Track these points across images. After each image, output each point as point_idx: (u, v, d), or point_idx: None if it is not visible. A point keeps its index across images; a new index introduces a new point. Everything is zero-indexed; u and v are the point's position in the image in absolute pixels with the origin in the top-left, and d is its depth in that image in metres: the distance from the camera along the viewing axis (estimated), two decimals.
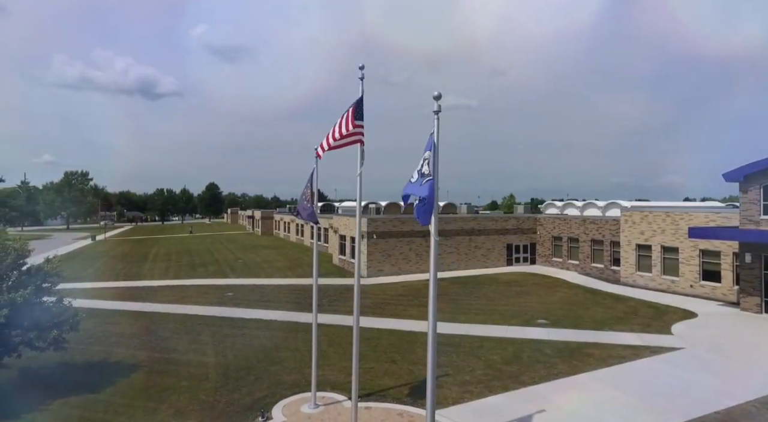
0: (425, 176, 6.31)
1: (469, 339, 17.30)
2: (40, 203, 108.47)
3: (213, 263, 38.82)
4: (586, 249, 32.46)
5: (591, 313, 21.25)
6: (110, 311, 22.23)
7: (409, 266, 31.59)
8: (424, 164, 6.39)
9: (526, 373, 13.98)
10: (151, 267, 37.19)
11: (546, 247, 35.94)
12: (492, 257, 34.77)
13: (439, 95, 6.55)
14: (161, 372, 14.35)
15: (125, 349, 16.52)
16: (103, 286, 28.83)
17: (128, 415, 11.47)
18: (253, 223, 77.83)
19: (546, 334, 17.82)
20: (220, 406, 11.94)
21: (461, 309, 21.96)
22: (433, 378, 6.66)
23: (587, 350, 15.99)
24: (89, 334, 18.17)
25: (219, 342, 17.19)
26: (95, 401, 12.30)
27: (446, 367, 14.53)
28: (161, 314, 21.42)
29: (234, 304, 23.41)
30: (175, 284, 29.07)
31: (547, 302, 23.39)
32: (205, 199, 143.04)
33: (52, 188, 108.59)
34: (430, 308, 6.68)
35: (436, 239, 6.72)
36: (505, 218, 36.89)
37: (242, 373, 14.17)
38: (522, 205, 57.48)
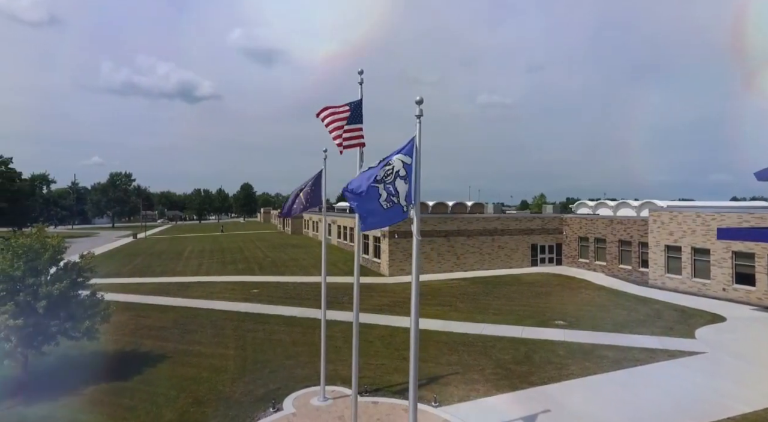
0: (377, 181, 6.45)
1: (483, 339, 17.38)
2: (87, 203, 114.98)
3: (242, 261, 40.19)
4: (614, 250, 31.65)
5: (612, 315, 20.84)
6: (143, 305, 23.54)
7: (430, 266, 31.75)
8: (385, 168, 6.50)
9: (536, 373, 14.00)
10: (185, 264, 38.90)
11: (572, 248, 35.25)
12: (516, 257, 34.43)
13: (420, 100, 6.82)
14: (184, 363, 15.22)
15: (154, 341, 17.55)
16: (139, 281, 30.46)
17: (151, 401, 12.30)
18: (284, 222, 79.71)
19: (562, 335, 17.67)
20: (236, 396, 12.61)
21: (478, 309, 22.00)
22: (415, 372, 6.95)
23: (602, 352, 15.80)
24: (123, 326, 19.42)
25: (240, 336, 17.99)
26: (123, 388, 13.24)
27: (456, 366, 14.74)
28: (190, 309, 22.53)
29: (258, 300, 24.30)
30: (206, 281, 30.37)
31: (567, 304, 23.07)
32: (240, 199, 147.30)
33: (98, 189, 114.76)
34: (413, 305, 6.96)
35: (418, 238, 7.01)
36: (529, 218, 36.41)
37: (259, 366, 14.84)
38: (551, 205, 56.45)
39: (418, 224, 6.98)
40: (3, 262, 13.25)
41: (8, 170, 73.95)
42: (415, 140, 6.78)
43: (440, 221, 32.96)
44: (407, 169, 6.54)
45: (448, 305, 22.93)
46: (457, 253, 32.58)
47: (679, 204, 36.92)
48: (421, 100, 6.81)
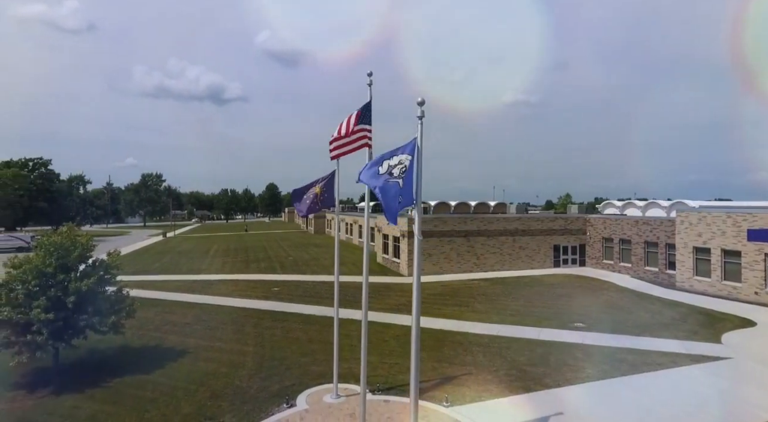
0: (393, 177, 6.60)
1: (499, 340, 17.27)
2: (121, 203, 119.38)
3: (265, 260, 40.98)
4: (639, 251, 30.80)
5: (634, 318, 20.34)
6: (169, 301, 24.34)
7: (450, 266, 31.63)
8: (397, 166, 6.66)
9: (550, 376, 13.84)
10: (210, 263, 39.94)
11: (596, 249, 34.48)
12: (537, 258, 33.92)
13: (422, 101, 6.91)
14: (204, 358, 15.70)
15: (176, 336, 18.16)
16: (166, 278, 31.49)
17: (171, 394, 12.76)
18: (307, 222, 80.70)
19: (580, 338, 17.38)
20: (252, 392, 12.95)
21: (496, 310, 21.83)
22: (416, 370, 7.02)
23: (621, 355, 15.47)
24: (148, 321, 20.16)
25: (259, 334, 18.41)
26: (146, 381, 13.78)
27: (470, 366, 14.71)
28: (212, 306, 23.17)
29: (278, 298, 24.77)
30: (229, 279, 31.14)
31: (588, 306, 22.63)
32: (265, 199, 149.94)
33: (131, 189, 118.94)
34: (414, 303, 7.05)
35: (419, 238, 7.09)
36: (551, 219, 35.80)
37: (275, 363, 15.18)
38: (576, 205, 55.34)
39: (419, 224, 7.06)
40: (36, 259, 14.00)
41: (47, 172, 77.55)
42: (417, 140, 6.87)
43: (460, 221, 32.80)
44: (410, 168, 6.64)
45: (466, 305, 22.84)
46: (477, 253, 32.36)
47: (712, 204, 35.65)
48: (423, 101, 6.90)
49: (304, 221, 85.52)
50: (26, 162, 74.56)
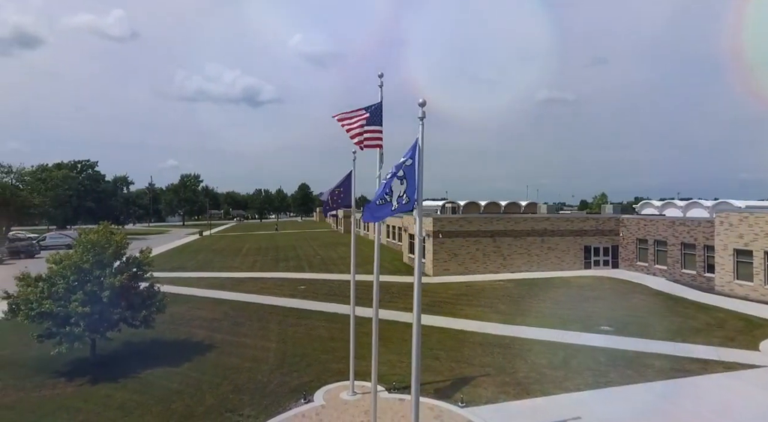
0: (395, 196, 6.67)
1: (520, 342, 17.06)
2: (162, 202, 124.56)
3: (294, 259, 41.83)
4: (675, 254, 29.55)
5: (666, 322, 19.60)
6: (200, 297, 25.30)
7: (476, 266, 31.35)
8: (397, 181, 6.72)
9: (571, 379, 13.58)
10: (242, 261, 41.14)
11: (630, 250, 33.30)
12: (567, 259, 33.11)
13: (423, 102, 6.99)
14: (230, 353, 16.28)
15: (205, 331, 18.88)
16: (199, 275, 32.70)
17: (196, 387, 13.34)
18: (337, 221, 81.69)
19: (605, 341, 16.93)
20: (272, 386, 13.36)
21: (520, 311, 21.52)
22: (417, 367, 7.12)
23: (647, 360, 14.98)
24: (180, 316, 21.05)
25: (283, 330, 18.90)
26: (173, 373, 14.44)
27: (488, 367, 14.63)
28: (241, 303, 23.92)
29: (304, 297, 25.30)
30: (258, 277, 32.02)
31: (617, 309, 21.96)
32: (297, 198, 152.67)
33: (170, 189, 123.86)
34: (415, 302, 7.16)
35: (420, 237, 7.18)
36: (582, 219, 34.82)
37: (297, 359, 15.57)
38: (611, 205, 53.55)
39: (421, 224, 7.15)
40: (75, 255, 14.92)
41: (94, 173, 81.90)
42: (418, 141, 6.96)
43: (486, 221, 32.43)
44: (406, 171, 6.73)
45: (489, 306, 22.62)
46: (503, 254, 31.92)
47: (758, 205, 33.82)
48: (424, 102, 6.98)
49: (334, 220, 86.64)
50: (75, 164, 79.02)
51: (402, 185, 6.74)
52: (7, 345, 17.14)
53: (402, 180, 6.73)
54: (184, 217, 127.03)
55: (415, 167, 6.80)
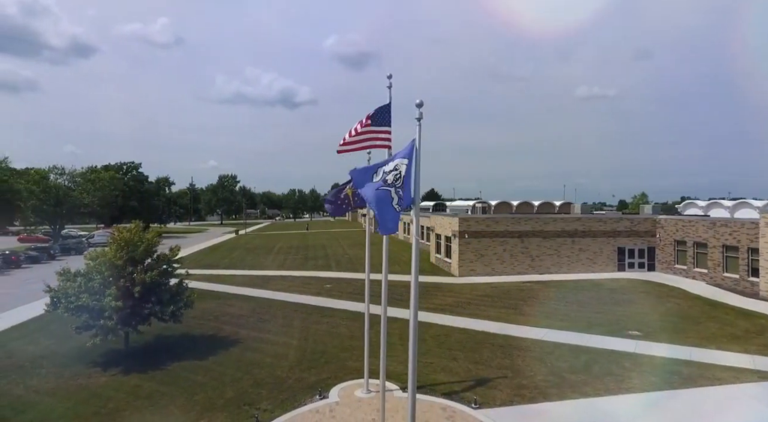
0: (387, 184, 6.73)
1: (542, 344, 16.74)
2: (201, 202, 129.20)
3: (323, 258, 42.49)
4: (717, 256, 28.06)
5: (700, 328, 18.71)
6: (230, 294, 26.17)
7: (503, 267, 30.86)
8: (392, 172, 6.80)
9: (591, 384, 13.24)
10: (273, 259, 42.17)
11: (667, 252, 31.87)
12: (599, 261, 32.05)
13: (421, 103, 7.03)
14: (253, 348, 16.81)
15: (232, 327, 19.55)
16: (231, 273, 33.80)
17: (219, 380, 13.88)
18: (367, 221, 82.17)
19: (632, 346, 16.35)
20: (290, 382, 13.72)
21: (545, 314, 21.07)
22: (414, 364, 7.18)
23: (675, 367, 14.38)
24: (210, 312, 21.88)
25: (305, 328, 19.31)
26: (198, 366, 15.06)
27: (506, 370, 14.46)
28: (268, 300, 24.59)
29: (329, 295, 25.71)
30: (287, 275, 32.75)
31: (649, 313, 21.13)
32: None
33: (209, 189, 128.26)
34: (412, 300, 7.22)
35: (417, 238, 7.24)
36: (615, 219, 33.58)
37: (316, 356, 15.90)
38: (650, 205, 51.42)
39: (418, 226, 7.22)
40: (110, 252, 15.81)
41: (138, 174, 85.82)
42: (415, 142, 7.02)
43: (513, 221, 31.86)
44: (407, 172, 6.79)
45: (513, 308, 22.27)
46: (532, 255, 31.27)
47: None
48: (421, 103, 7.04)
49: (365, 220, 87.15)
50: (121, 166, 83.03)
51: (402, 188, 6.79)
52: (52, 335, 18.32)
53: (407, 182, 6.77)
54: (222, 216, 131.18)
55: (411, 168, 6.86)
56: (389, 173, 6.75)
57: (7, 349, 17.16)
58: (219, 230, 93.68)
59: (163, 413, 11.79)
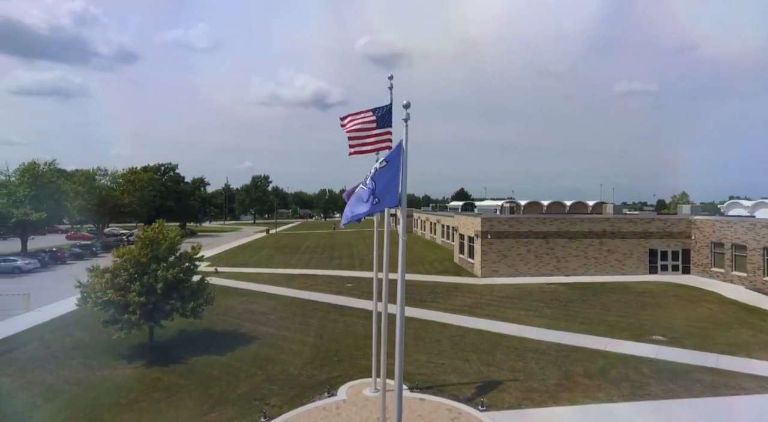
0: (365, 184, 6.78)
1: (558, 348, 16.37)
2: (235, 202, 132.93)
3: (347, 257, 42.89)
4: (757, 259, 26.53)
5: (731, 334, 17.79)
6: (254, 292, 26.87)
7: (527, 269, 30.25)
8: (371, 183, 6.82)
9: (605, 389, 12.87)
10: (299, 258, 42.93)
11: (703, 255, 30.38)
12: (629, 263, 30.90)
13: (408, 104, 7.07)
14: (269, 345, 17.24)
15: (252, 324, 20.09)
16: (258, 271, 34.65)
17: (233, 375, 14.33)
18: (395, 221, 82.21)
19: (654, 352, 15.76)
20: (301, 379, 14.00)
21: (566, 316, 20.56)
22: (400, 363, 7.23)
23: (698, 375, 13.76)
24: (233, 309, 22.56)
25: (322, 326, 19.62)
26: (216, 361, 15.59)
27: (518, 372, 14.25)
28: (289, 298, 25.10)
29: (348, 294, 25.98)
30: (310, 274, 33.30)
31: (677, 318, 20.25)
32: None
33: (243, 190, 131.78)
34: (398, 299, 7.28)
35: (404, 238, 7.28)
36: (647, 220, 32.25)
37: (330, 354, 16.14)
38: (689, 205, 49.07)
39: (404, 225, 7.27)
40: (135, 250, 16.58)
41: (175, 175, 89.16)
42: (402, 142, 7.07)
43: (538, 221, 31.16)
44: (380, 171, 6.84)
45: (533, 310, 21.84)
46: (557, 256, 30.51)
47: None
48: (408, 104, 7.08)
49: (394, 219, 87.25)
50: (159, 167, 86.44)
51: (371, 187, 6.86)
52: (85, 328, 19.38)
53: (374, 182, 6.86)
54: (255, 215, 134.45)
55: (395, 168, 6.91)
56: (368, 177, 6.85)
57: (45, 340, 18.30)
58: (251, 229, 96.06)
59: (178, 405, 12.30)
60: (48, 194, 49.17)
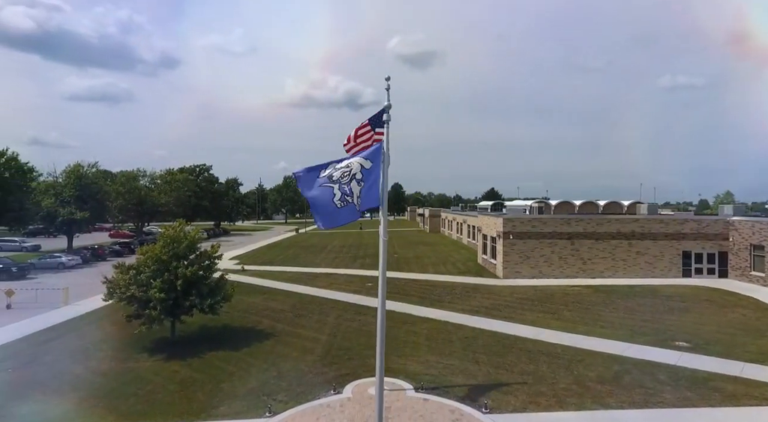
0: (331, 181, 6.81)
1: (573, 351, 15.97)
2: (268, 202, 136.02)
3: (371, 257, 43.10)
4: None
5: (763, 342, 16.82)
6: (276, 290, 27.50)
7: (551, 270, 29.54)
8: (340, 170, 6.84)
9: (616, 395, 12.49)
10: (324, 257, 43.53)
11: (742, 258, 28.77)
12: (659, 265, 29.63)
13: (389, 105, 7.14)
14: (284, 342, 17.64)
15: (269, 321, 20.60)
16: (283, 269, 35.41)
17: (245, 370, 14.77)
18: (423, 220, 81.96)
19: (675, 358, 15.12)
20: (310, 376, 14.27)
21: (586, 320, 20.00)
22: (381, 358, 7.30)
23: (719, 383, 13.13)
24: (254, 306, 23.19)
25: (337, 324, 19.89)
26: (231, 356, 16.10)
27: (528, 376, 14.02)
28: (309, 296, 25.55)
29: (367, 293, 26.15)
30: (333, 272, 33.73)
31: (705, 323, 19.32)
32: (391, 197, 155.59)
33: (275, 190, 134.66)
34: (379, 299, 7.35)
35: (384, 239, 7.34)
36: (680, 221, 30.80)
37: (341, 352, 16.36)
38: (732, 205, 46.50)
39: (385, 226, 7.34)
40: (157, 248, 17.34)
41: (209, 175, 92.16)
42: (382, 144, 7.14)
43: (562, 222, 30.36)
44: (364, 172, 6.92)
45: (552, 313, 21.34)
46: (583, 258, 29.64)
47: None
48: (390, 105, 7.14)
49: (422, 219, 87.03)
50: (194, 168, 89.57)
51: (359, 186, 6.95)
52: (115, 322, 20.40)
53: (359, 182, 6.94)
54: (286, 215, 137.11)
55: (377, 169, 6.98)
56: (339, 169, 6.92)
57: (80, 332, 19.43)
58: (282, 228, 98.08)
59: (190, 398, 12.81)
60: (91, 194, 52.01)
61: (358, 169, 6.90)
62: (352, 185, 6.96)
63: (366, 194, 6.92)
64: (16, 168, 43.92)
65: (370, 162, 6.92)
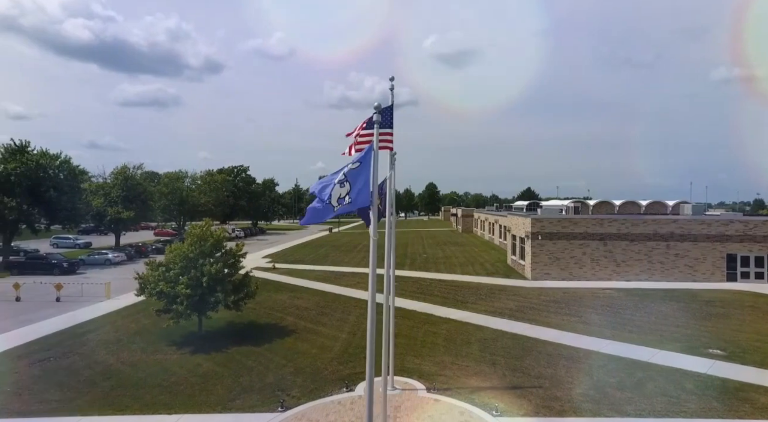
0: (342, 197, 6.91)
1: (596, 356, 15.45)
2: (304, 202, 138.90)
3: (400, 257, 43.16)
4: None
5: None
6: (303, 288, 28.07)
7: (582, 272, 28.59)
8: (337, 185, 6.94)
9: (635, 403, 12.00)
10: (353, 256, 43.98)
11: None
12: (701, 269, 28.06)
13: (378, 106, 7.20)
14: (304, 339, 18.01)
15: (293, 318, 21.08)
16: (312, 268, 36.08)
17: (265, 366, 15.19)
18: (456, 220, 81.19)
19: (706, 367, 14.34)
20: (325, 373, 14.53)
21: (614, 323, 19.26)
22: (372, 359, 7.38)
23: (750, 393, 12.36)
24: (280, 304, 23.78)
25: (357, 323, 20.09)
26: (252, 351, 16.61)
27: (545, 380, 13.70)
28: (333, 295, 25.92)
29: None
30: (359, 272, 34.03)
31: (744, 331, 18.18)
32: (425, 198, 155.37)
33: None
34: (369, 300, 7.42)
35: (374, 238, 7.40)
36: (723, 222, 29.02)
37: (358, 351, 16.54)
38: None
39: (375, 225, 7.40)
40: (185, 246, 18.12)
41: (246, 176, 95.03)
42: (373, 144, 7.21)
43: (595, 222, 29.29)
44: (347, 174, 7.00)
45: (578, 316, 20.69)
46: (616, 260, 28.50)
47: None
48: (379, 106, 7.20)
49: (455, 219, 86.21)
50: (232, 169, 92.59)
51: (343, 187, 7.03)
52: (149, 316, 21.41)
53: (343, 183, 7.02)
54: None
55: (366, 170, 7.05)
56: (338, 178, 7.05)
57: (116, 325, 20.56)
58: (317, 227, 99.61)
59: (209, 391, 13.32)
60: (136, 194, 54.89)
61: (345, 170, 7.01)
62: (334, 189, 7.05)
63: (357, 195, 7.01)
64: (69, 170, 47.01)
65: (358, 163, 7.01)
